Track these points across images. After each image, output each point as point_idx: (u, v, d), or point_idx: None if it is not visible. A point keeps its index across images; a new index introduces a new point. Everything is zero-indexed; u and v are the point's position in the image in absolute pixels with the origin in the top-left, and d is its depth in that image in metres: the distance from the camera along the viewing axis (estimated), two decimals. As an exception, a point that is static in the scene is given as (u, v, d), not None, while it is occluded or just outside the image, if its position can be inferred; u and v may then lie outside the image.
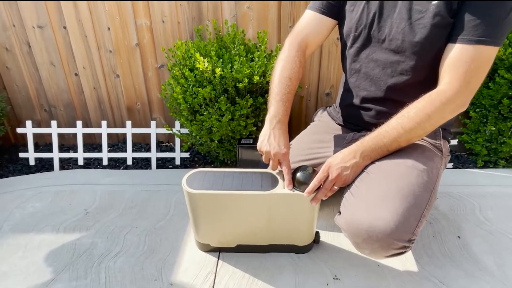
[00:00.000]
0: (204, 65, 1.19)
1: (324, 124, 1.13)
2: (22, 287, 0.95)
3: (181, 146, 1.56)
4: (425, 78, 0.87)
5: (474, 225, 1.15)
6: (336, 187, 0.85)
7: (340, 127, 1.10)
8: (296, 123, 1.69)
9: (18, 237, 1.12)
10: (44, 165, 1.62)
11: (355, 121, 1.03)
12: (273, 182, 0.90)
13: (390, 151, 0.86)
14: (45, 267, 1.01)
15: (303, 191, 0.86)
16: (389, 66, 0.90)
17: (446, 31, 0.80)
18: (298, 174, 0.87)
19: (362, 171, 0.86)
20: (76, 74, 1.60)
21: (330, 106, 1.20)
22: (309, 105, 1.65)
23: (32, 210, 1.25)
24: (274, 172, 0.94)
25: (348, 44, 0.97)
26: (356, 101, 1.00)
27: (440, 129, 0.96)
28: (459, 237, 1.11)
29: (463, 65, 0.77)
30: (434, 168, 0.86)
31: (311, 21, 0.97)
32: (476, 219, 1.18)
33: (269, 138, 0.87)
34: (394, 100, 0.92)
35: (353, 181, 0.86)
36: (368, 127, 0.99)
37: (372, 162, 0.86)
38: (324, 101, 1.64)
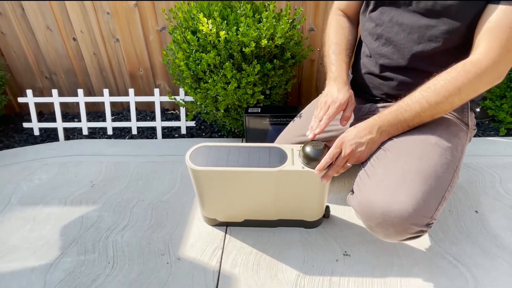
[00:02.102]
0: (207, 27, 1.10)
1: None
2: (33, 260, 0.96)
3: (186, 115, 1.50)
4: (457, 45, 0.77)
5: (493, 199, 1.10)
6: (349, 164, 0.79)
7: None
8: (306, 89, 1.60)
9: (26, 210, 1.12)
10: (50, 135, 1.60)
11: (373, 91, 0.94)
12: (282, 158, 0.85)
13: (410, 126, 0.78)
14: (54, 241, 1.01)
15: (313, 168, 0.81)
16: (416, 31, 0.79)
17: None
18: (309, 150, 0.82)
19: (379, 147, 0.79)
20: (74, 39, 1.52)
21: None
22: (320, 69, 1.54)
23: (38, 182, 1.24)
24: (283, 147, 0.88)
25: (370, 6, 0.86)
26: (375, 69, 0.90)
27: (468, 101, 0.87)
28: (476, 211, 1.06)
29: (505, 30, 0.67)
30: (459, 145, 0.79)
31: None
32: (495, 192, 1.12)
33: (325, 93, 0.88)
34: (418, 69, 0.82)
35: (369, 159, 0.79)
36: (387, 98, 0.90)
37: (390, 138, 0.79)
38: (337, 65, 1.53)
